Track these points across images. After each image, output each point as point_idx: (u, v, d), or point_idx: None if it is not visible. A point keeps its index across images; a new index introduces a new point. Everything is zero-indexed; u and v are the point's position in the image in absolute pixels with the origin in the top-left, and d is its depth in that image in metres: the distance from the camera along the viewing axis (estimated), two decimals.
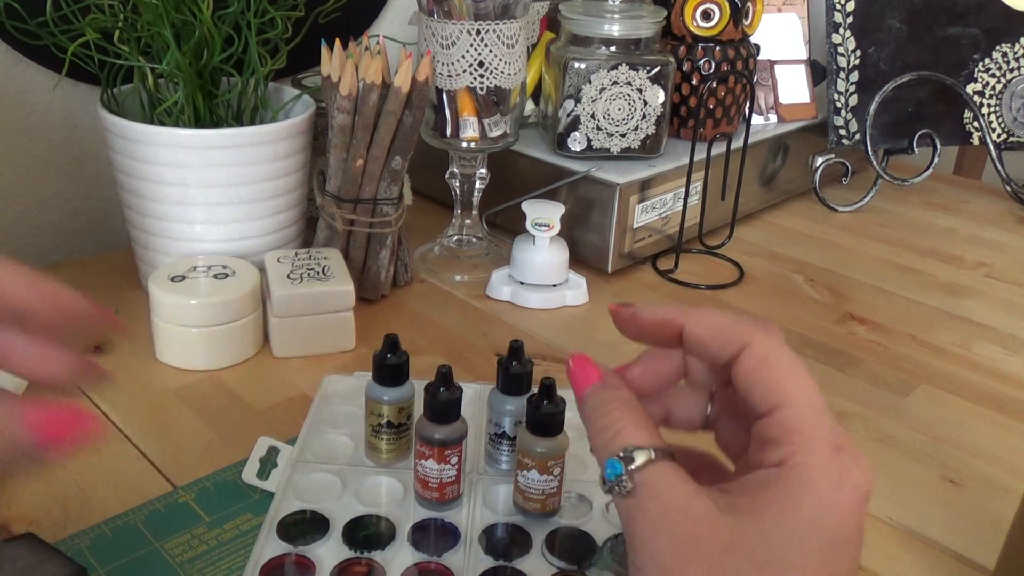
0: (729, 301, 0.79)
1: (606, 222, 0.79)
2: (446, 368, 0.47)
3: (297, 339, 0.66)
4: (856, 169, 1.02)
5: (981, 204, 1.05)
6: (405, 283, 0.78)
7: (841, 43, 0.98)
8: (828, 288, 0.82)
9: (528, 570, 0.45)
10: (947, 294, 0.82)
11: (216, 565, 0.46)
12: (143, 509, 0.49)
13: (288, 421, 0.58)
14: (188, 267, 0.65)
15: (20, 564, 0.37)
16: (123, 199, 0.71)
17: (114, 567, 0.45)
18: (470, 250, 0.83)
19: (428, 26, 0.72)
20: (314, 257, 0.68)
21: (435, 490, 0.48)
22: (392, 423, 0.51)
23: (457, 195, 0.81)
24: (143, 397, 0.61)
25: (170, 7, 0.64)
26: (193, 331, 0.63)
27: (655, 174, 0.81)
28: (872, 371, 0.68)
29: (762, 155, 0.94)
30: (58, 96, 0.81)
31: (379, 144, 0.69)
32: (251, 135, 0.67)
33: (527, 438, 0.48)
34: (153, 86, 0.71)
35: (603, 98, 0.80)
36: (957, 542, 0.51)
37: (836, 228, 0.96)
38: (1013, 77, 1.02)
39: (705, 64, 0.87)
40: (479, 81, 0.72)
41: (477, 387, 0.60)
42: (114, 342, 0.67)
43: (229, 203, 0.68)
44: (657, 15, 0.82)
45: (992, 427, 0.62)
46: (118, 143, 0.68)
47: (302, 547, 0.46)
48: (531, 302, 0.75)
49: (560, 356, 0.68)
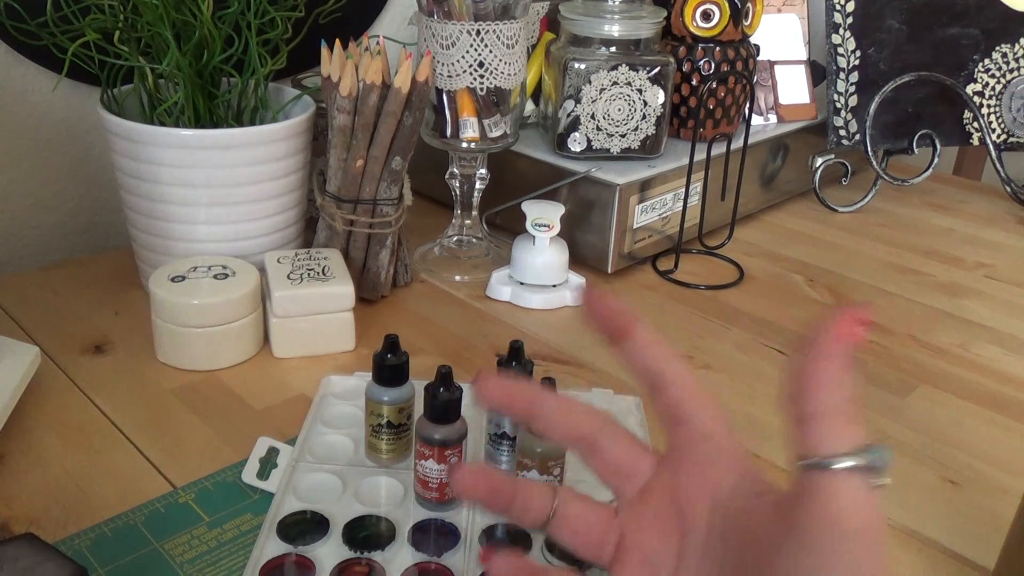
0: (729, 301, 0.79)
1: (606, 222, 0.79)
2: (446, 368, 0.47)
3: (297, 339, 0.66)
4: (856, 169, 1.02)
5: (981, 204, 1.05)
6: (405, 283, 0.78)
7: (841, 43, 0.98)
8: (828, 288, 0.82)
9: None
10: (947, 294, 0.82)
11: (216, 565, 0.46)
12: (143, 509, 0.50)
13: (288, 421, 0.58)
14: (188, 267, 0.65)
15: (20, 564, 0.37)
16: (123, 199, 0.71)
17: (114, 567, 0.45)
18: (470, 250, 0.83)
19: (428, 26, 0.72)
20: (314, 257, 0.68)
21: (435, 490, 0.48)
22: (392, 423, 0.51)
23: (457, 195, 0.81)
24: (143, 397, 0.61)
25: (170, 7, 0.65)
26: (193, 331, 0.63)
27: (655, 174, 0.81)
28: (872, 371, 0.68)
29: (762, 155, 0.94)
30: (58, 96, 0.81)
31: (379, 144, 0.69)
32: (251, 135, 0.67)
33: (527, 438, 0.48)
34: (153, 86, 0.71)
35: (603, 98, 0.80)
36: (956, 542, 0.51)
37: (836, 228, 0.96)
38: (1013, 78, 1.02)
39: (705, 64, 0.87)
40: (479, 81, 0.72)
41: None
42: (114, 342, 0.67)
43: (229, 203, 0.68)
44: (657, 15, 0.82)
45: (992, 427, 0.62)
46: (118, 143, 0.68)
47: (302, 547, 0.46)
48: (531, 302, 0.75)
49: (560, 356, 0.68)
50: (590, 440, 0.37)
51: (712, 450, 0.35)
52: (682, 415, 0.36)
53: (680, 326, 0.74)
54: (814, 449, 0.30)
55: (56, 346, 0.66)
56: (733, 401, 0.63)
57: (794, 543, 0.30)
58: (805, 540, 0.29)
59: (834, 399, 0.30)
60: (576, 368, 0.66)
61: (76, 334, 0.68)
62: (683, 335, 0.72)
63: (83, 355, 0.65)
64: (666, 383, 0.36)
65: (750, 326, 0.74)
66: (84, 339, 0.67)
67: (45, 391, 0.60)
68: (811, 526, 0.29)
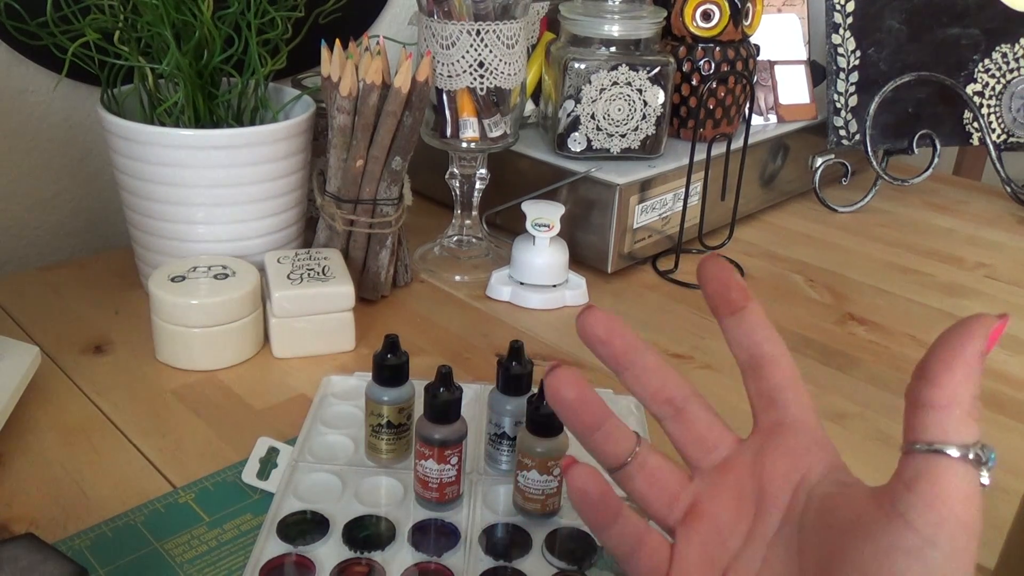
0: None
1: (606, 222, 0.79)
2: (446, 368, 0.47)
3: (297, 339, 0.66)
4: (856, 169, 1.02)
5: (981, 205, 1.05)
6: (405, 283, 0.78)
7: (841, 44, 0.98)
8: (828, 288, 0.82)
9: (528, 570, 0.45)
10: (947, 294, 0.82)
11: (216, 565, 0.46)
12: (143, 509, 0.49)
13: (288, 421, 0.58)
14: (188, 267, 0.65)
15: (20, 564, 0.37)
16: (123, 199, 0.71)
17: (114, 567, 0.45)
18: (470, 250, 0.83)
19: (428, 26, 0.72)
20: (314, 257, 0.68)
21: (435, 490, 0.48)
22: (392, 423, 0.51)
23: (457, 195, 0.81)
24: (143, 397, 0.61)
25: (170, 7, 0.65)
26: (193, 331, 0.63)
27: (655, 174, 0.81)
28: (872, 371, 0.68)
29: (762, 155, 0.94)
30: (58, 96, 0.81)
31: (379, 144, 0.69)
32: (251, 135, 0.67)
33: (527, 438, 0.48)
34: (153, 86, 0.71)
35: (603, 98, 0.80)
36: None
37: (836, 228, 0.96)
38: (1013, 78, 1.02)
39: (705, 65, 0.87)
40: (479, 81, 0.72)
41: (477, 387, 0.60)
42: (114, 342, 0.67)
43: (229, 203, 0.68)
44: (657, 15, 0.82)
45: (991, 427, 0.62)
46: (118, 143, 0.68)
47: (302, 547, 0.46)
48: (531, 302, 0.75)
49: (560, 356, 0.68)
50: (678, 405, 0.37)
51: (804, 439, 0.35)
52: (778, 400, 0.36)
53: (680, 326, 0.74)
54: (930, 435, 0.30)
55: (56, 346, 0.66)
56: (733, 401, 0.63)
57: (894, 522, 0.30)
58: (908, 517, 0.29)
59: (958, 391, 0.30)
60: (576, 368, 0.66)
61: (76, 334, 0.68)
62: (683, 335, 0.72)
63: (83, 355, 0.65)
64: (768, 365, 0.36)
65: None
66: (84, 339, 0.67)
67: (45, 391, 0.60)
68: (914, 503, 0.29)
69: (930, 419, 0.30)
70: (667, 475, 0.37)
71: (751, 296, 0.37)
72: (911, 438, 0.30)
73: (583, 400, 0.37)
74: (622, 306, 0.77)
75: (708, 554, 0.35)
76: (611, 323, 0.37)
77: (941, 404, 0.30)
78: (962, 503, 0.29)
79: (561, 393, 0.36)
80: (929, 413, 0.30)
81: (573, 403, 0.36)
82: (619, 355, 0.37)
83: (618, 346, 0.37)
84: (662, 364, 0.37)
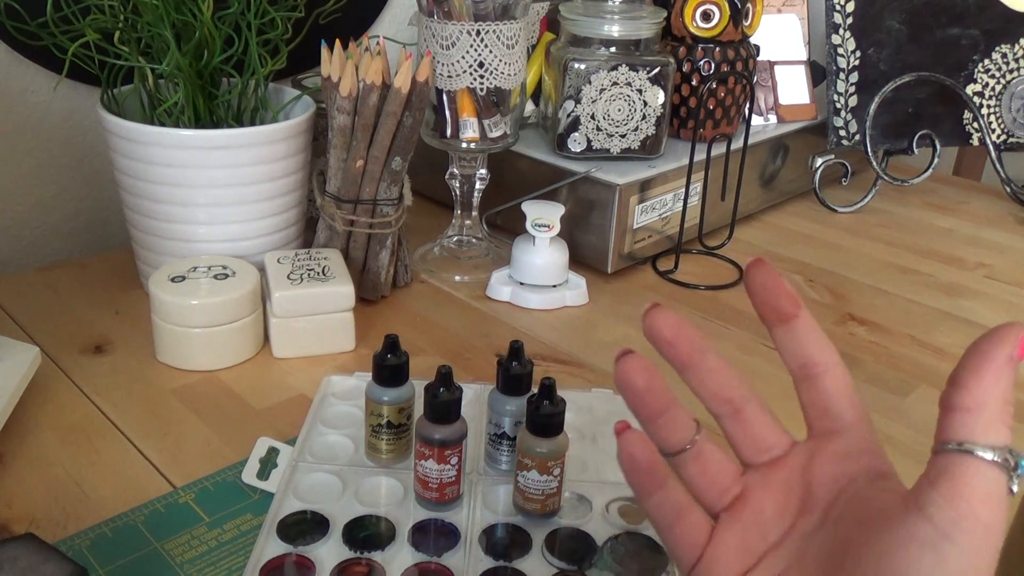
0: (729, 301, 0.79)
1: (606, 223, 0.79)
2: (446, 368, 0.47)
3: (297, 339, 0.66)
4: (856, 170, 1.02)
5: (981, 205, 1.05)
6: (405, 283, 0.78)
7: (841, 44, 0.98)
8: (828, 288, 0.82)
9: (528, 570, 0.45)
10: (947, 295, 0.82)
11: (216, 565, 0.46)
12: (143, 509, 0.50)
13: (288, 421, 0.58)
14: (188, 267, 0.65)
15: (20, 564, 0.37)
16: (123, 199, 0.71)
17: (114, 567, 0.45)
18: (470, 251, 0.83)
19: (428, 27, 0.72)
20: (314, 257, 0.68)
21: (435, 490, 0.48)
22: (392, 423, 0.51)
23: (457, 196, 0.81)
24: (143, 397, 0.61)
25: (170, 7, 0.65)
26: (193, 331, 0.63)
27: (655, 175, 0.81)
28: (872, 371, 0.68)
29: (762, 156, 0.94)
30: (58, 97, 0.81)
31: (379, 145, 0.69)
32: (251, 135, 0.67)
33: (527, 438, 0.48)
34: (153, 87, 0.71)
35: (603, 99, 0.80)
36: None
37: (836, 229, 0.96)
38: (1013, 78, 1.02)
39: (705, 65, 0.87)
40: (479, 82, 0.72)
41: (477, 387, 0.60)
42: (114, 342, 0.67)
43: (229, 203, 0.68)
44: (657, 16, 0.82)
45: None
46: (118, 143, 0.68)
47: (302, 547, 0.46)
48: (531, 303, 0.75)
49: (560, 356, 0.68)
50: (738, 406, 0.37)
51: (855, 446, 0.36)
52: (832, 407, 0.36)
53: None
54: (957, 434, 0.30)
55: (56, 346, 0.66)
56: None
57: (913, 515, 0.30)
58: (928, 511, 0.30)
59: (986, 394, 0.30)
60: (576, 368, 0.66)
61: (76, 334, 0.68)
62: None
63: (83, 355, 0.65)
64: (821, 374, 0.37)
65: (750, 326, 0.74)
66: (84, 339, 0.67)
67: (45, 391, 0.60)
68: (935, 499, 0.30)
69: (958, 420, 0.31)
70: (721, 467, 0.38)
71: (801, 304, 0.38)
72: (941, 439, 0.31)
73: (651, 388, 0.37)
74: (622, 306, 0.77)
75: (746, 542, 0.36)
76: (678, 325, 0.37)
77: (969, 407, 0.30)
78: (983, 502, 0.30)
79: (631, 380, 0.37)
80: (957, 415, 0.31)
81: (641, 390, 0.37)
82: (683, 356, 0.37)
83: (683, 348, 0.37)
84: (724, 365, 0.38)
